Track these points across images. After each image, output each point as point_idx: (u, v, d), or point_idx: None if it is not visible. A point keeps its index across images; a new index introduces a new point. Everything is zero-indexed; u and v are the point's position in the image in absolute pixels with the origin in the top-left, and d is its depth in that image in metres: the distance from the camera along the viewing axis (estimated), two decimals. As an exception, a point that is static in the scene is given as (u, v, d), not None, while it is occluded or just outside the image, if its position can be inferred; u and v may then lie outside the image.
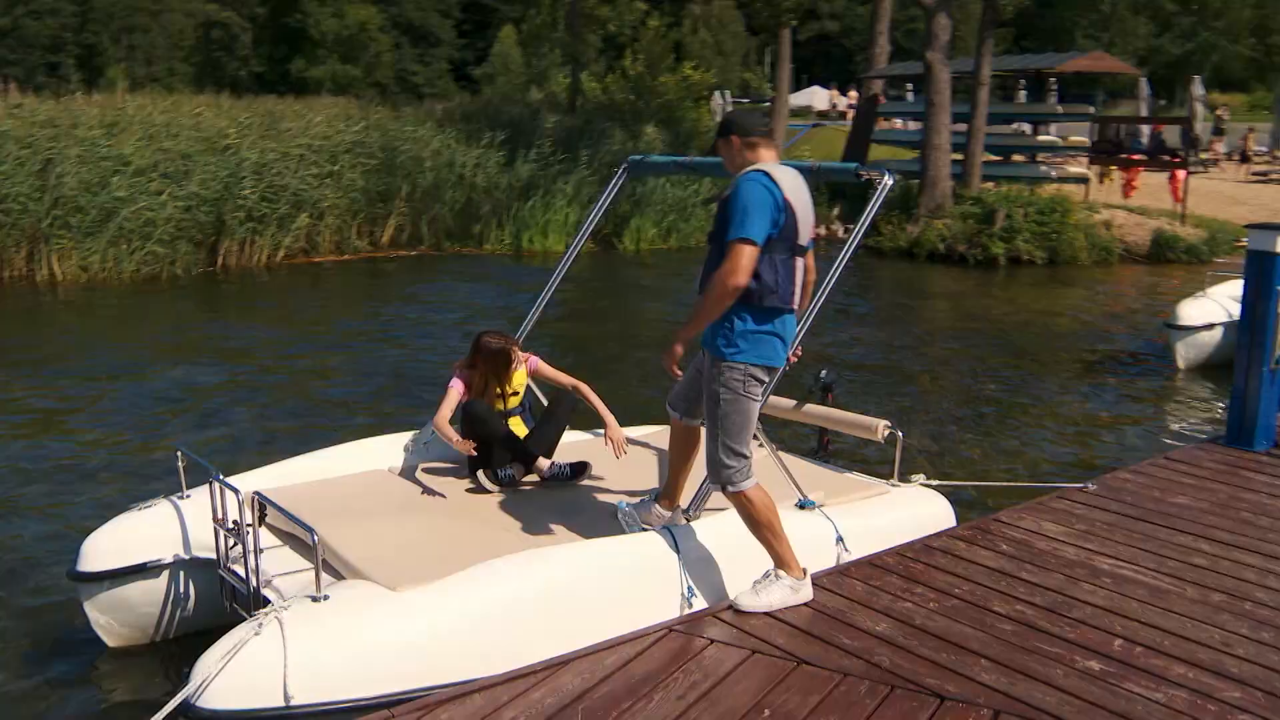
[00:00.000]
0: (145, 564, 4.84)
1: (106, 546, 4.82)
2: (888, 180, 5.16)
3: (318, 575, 3.93)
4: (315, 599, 3.90)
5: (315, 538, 3.90)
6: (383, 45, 63.48)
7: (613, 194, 6.45)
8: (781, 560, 4.50)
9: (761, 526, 4.46)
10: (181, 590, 4.98)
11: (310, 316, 13.65)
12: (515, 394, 5.57)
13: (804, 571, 4.53)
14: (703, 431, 4.60)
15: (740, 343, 4.34)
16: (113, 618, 4.92)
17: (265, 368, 10.75)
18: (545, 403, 5.88)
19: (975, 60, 19.41)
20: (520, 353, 5.60)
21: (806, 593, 4.53)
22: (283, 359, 11.18)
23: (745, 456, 4.40)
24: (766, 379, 4.45)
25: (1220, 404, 9.63)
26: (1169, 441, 8.50)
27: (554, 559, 4.32)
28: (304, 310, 14.16)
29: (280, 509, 4.30)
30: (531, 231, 19.85)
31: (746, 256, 4.18)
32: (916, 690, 3.83)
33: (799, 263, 4.44)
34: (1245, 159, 30.65)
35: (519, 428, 5.60)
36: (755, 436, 4.88)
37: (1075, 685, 3.87)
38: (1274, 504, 5.81)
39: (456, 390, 5.49)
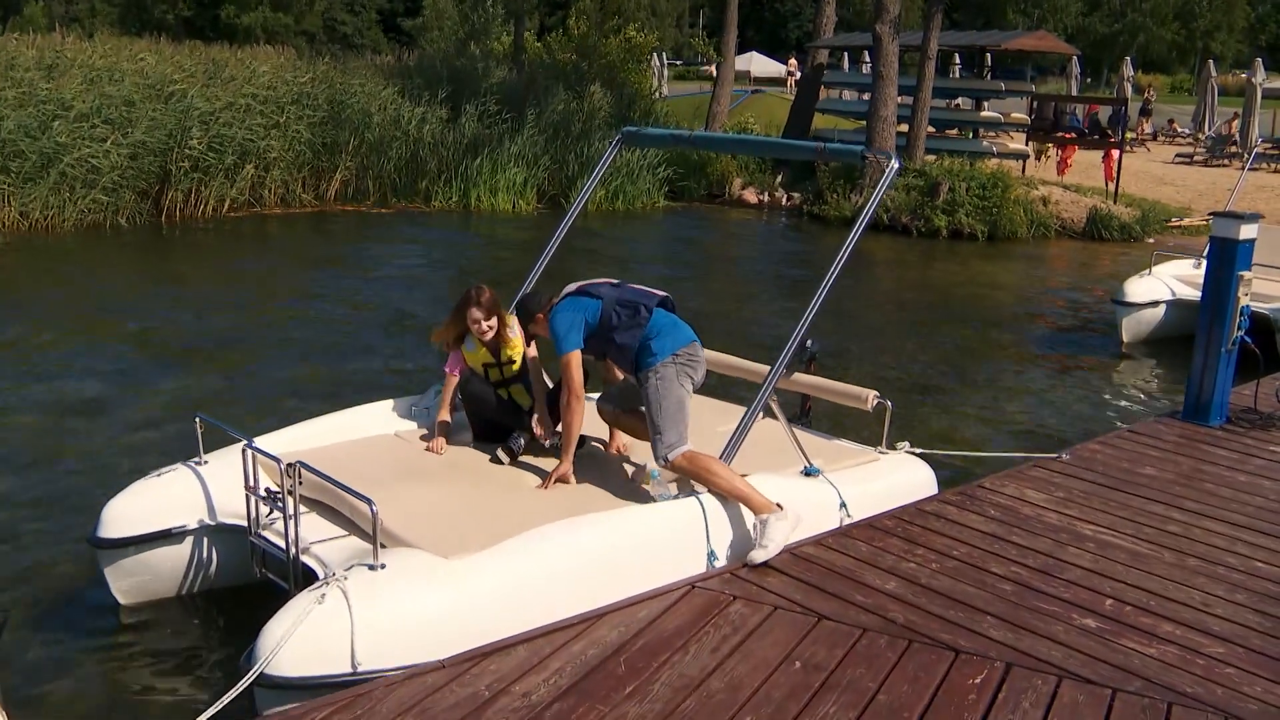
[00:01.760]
0: (169, 530, 4.90)
1: (128, 512, 4.87)
2: (895, 165, 5.35)
3: (375, 545, 4.05)
4: (372, 568, 4.02)
5: (374, 509, 4.02)
6: (313, -8, 62.19)
7: (608, 163, 6.56)
8: (756, 505, 4.79)
9: (719, 476, 4.80)
10: (205, 555, 5.05)
11: (262, 273, 13.56)
12: (512, 362, 5.66)
13: (777, 505, 4.81)
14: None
15: (655, 348, 4.97)
16: (134, 582, 4.99)
17: (230, 326, 10.70)
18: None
19: (923, 34, 19.72)
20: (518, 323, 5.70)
21: (794, 517, 4.83)
22: (246, 317, 11.14)
23: (682, 435, 4.88)
24: (692, 364, 5.04)
25: (1163, 377, 10.09)
26: (1122, 413, 8.91)
27: (594, 526, 4.50)
28: (256, 265, 14.06)
29: (330, 479, 4.40)
30: (479, 190, 19.79)
31: (573, 366, 5.05)
32: (932, 644, 4.10)
33: (626, 287, 5.27)
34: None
35: (521, 397, 5.71)
36: (769, 406, 5.16)
37: (1076, 640, 4.18)
38: (1233, 476, 6.19)
39: (450, 376, 5.69)
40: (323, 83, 19.85)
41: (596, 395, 5.78)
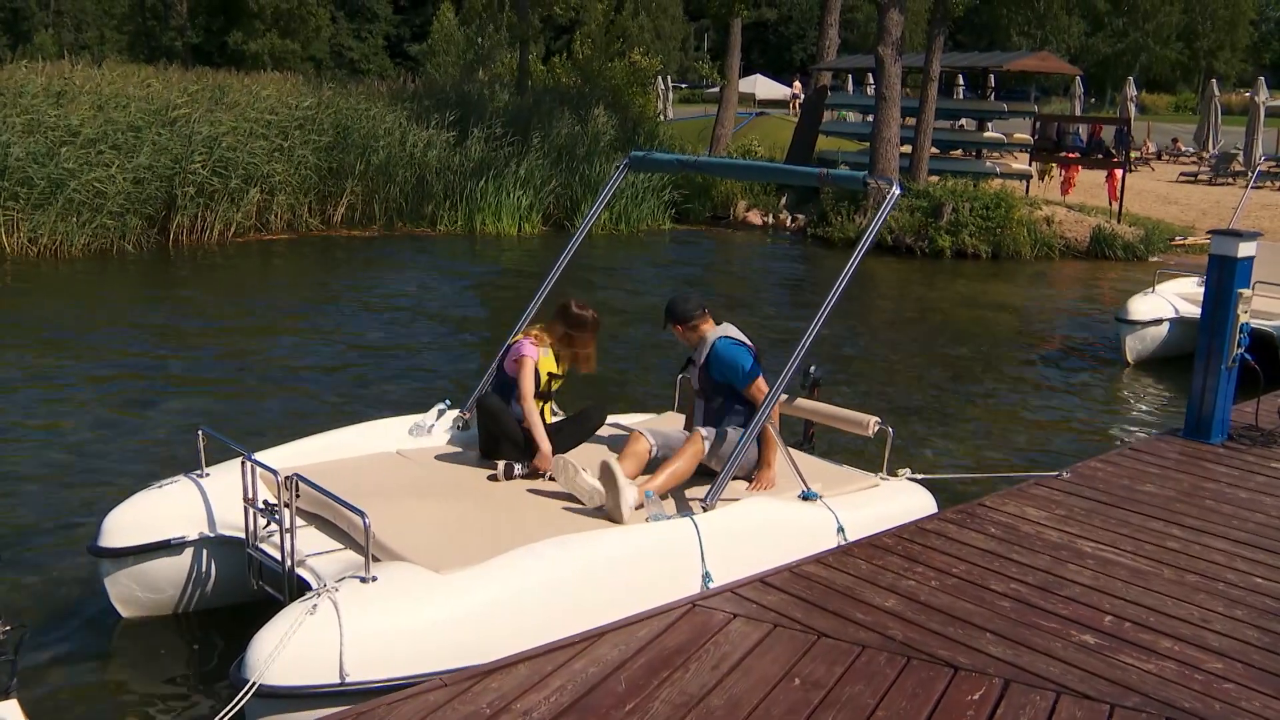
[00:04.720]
0: (168, 540, 4.95)
1: (129, 522, 4.93)
2: (895, 191, 5.40)
3: (368, 558, 4.09)
4: (364, 580, 4.06)
5: (366, 521, 4.06)
6: (321, 19, 62.62)
7: (613, 188, 6.62)
8: (663, 489, 5.18)
9: (678, 463, 5.24)
10: (204, 567, 5.09)
11: (268, 297, 13.64)
12: (559, 378, 5.73)
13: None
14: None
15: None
16: (132, 593, 5.03)
17: (236, 348, 10.77)
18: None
19: (925, 56, 19.84)
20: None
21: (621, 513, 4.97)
22: (252, 339, 11.21)
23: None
24: None
25: (1166, 395, 10.10)
26: (1124, 431, 8.93)
27: (586, 543, 4.53)
28: (262, 290, 14.14)
29: (325, 492, 4.44)
30: (484, 214, 19.87)
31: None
32: (931, 661, 4.12)
33: None
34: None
35: (550, 414, 5.75)
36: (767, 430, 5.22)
37: (1074, 657, 4.19)
38: (1234, 493, 6.20)
39: (532, 361, 5.57)
40: (328, 107, 19.95)
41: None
